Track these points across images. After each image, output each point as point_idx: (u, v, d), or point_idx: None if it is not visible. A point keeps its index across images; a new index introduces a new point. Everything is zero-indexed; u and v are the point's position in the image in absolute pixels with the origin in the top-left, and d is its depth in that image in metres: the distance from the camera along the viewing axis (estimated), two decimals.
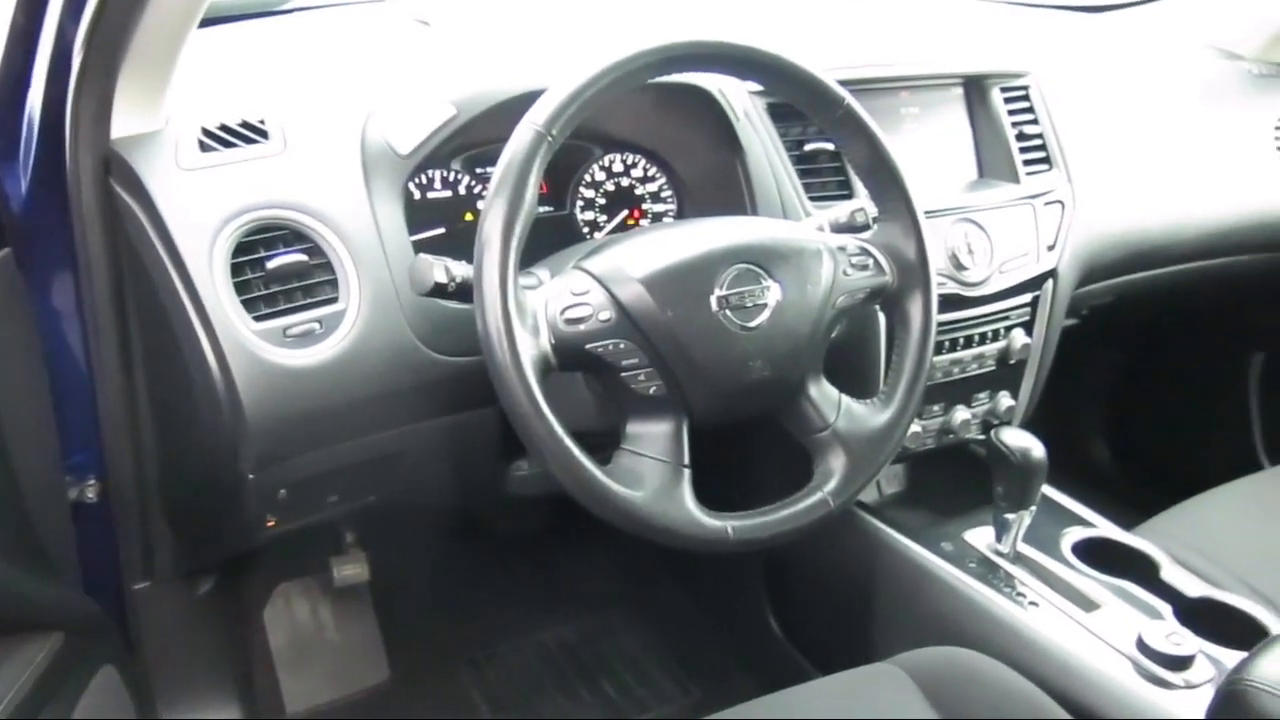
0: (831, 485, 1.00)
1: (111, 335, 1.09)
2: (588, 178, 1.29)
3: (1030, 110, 1.44)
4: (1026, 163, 1.41)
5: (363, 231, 1.02)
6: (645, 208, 1.32)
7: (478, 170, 1.21)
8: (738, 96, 1.23)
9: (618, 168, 1.30)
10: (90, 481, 1.19)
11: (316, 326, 0.98)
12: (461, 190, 1.21)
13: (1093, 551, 1.25)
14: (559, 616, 1.75)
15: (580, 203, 1.29)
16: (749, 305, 0.96)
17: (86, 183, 1.01)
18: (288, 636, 1.55)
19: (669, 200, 1.32)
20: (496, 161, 0.90)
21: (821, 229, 1.12)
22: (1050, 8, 1.87)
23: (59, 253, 1.07)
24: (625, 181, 1.30)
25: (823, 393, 1.02)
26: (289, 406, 0.97)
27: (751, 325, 0.96)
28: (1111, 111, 1.56)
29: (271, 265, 0.98)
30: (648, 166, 1.31)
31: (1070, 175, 1.43)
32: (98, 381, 1.13)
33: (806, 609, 1.51)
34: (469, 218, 1.21)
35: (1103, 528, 1.30)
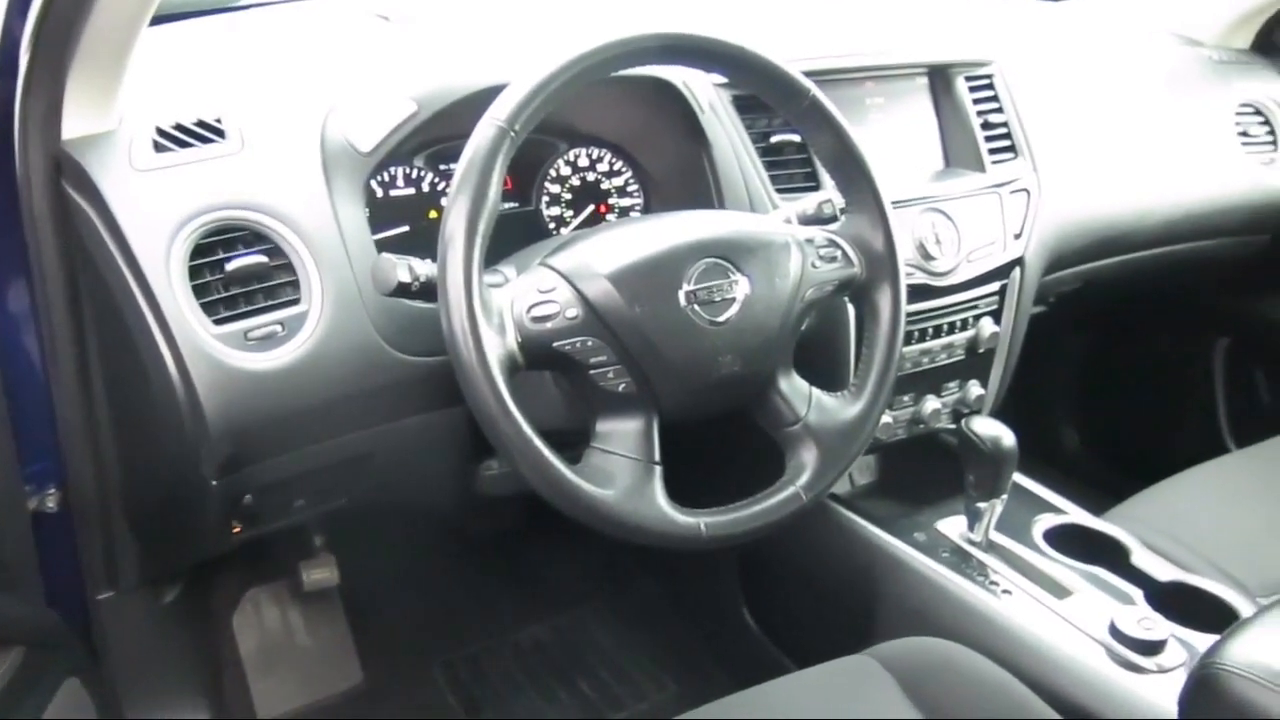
0: (804, 479, 0.99)
1: (67, 341, 1.07)
2: (553, 173, 1.27)
3: (995, 99, 1.44)
4: (992, 151, 1.41)
5: (324, 231, 1.01)
6: (612, 202, 1.30)
7: (441, 167, 1.20)
8: (702, 89, 1.22)
9: (583, 162, 1.29)
10: (50, 490, 1.17)
11: (278, 329, 0.96)
12: (425, 187, 1.19)
13: (1064, 538, 1.25)
14: (533, 615, 1.74)
15: (546, 198, 1.28)
16: (717, 300, 0.95)
17: (37, 185, 0.99)
18: (257, 642, 1.52)
19: (635, 194, 1.31)
20: (460, 158, 0.89)
21: (789, 221, 1.11)
22: None
23: (11, 257, 1.05)
24: (591, 176, 1.29)
25: (793, 386, 1.02)
26: (252, 411, 0.95)
27: (720, 320, 0.95)
28: (1075, 99, 1.57)
29: (231, 267, 0.96)
30: (613, 161, 1.30)
31: (1035, 163, 1.44)
32: (54, 388, 1.10)
33: (781, 602, 1.51)
34: (433, 215, 1.19)
35: (1074, 514, 1.31)
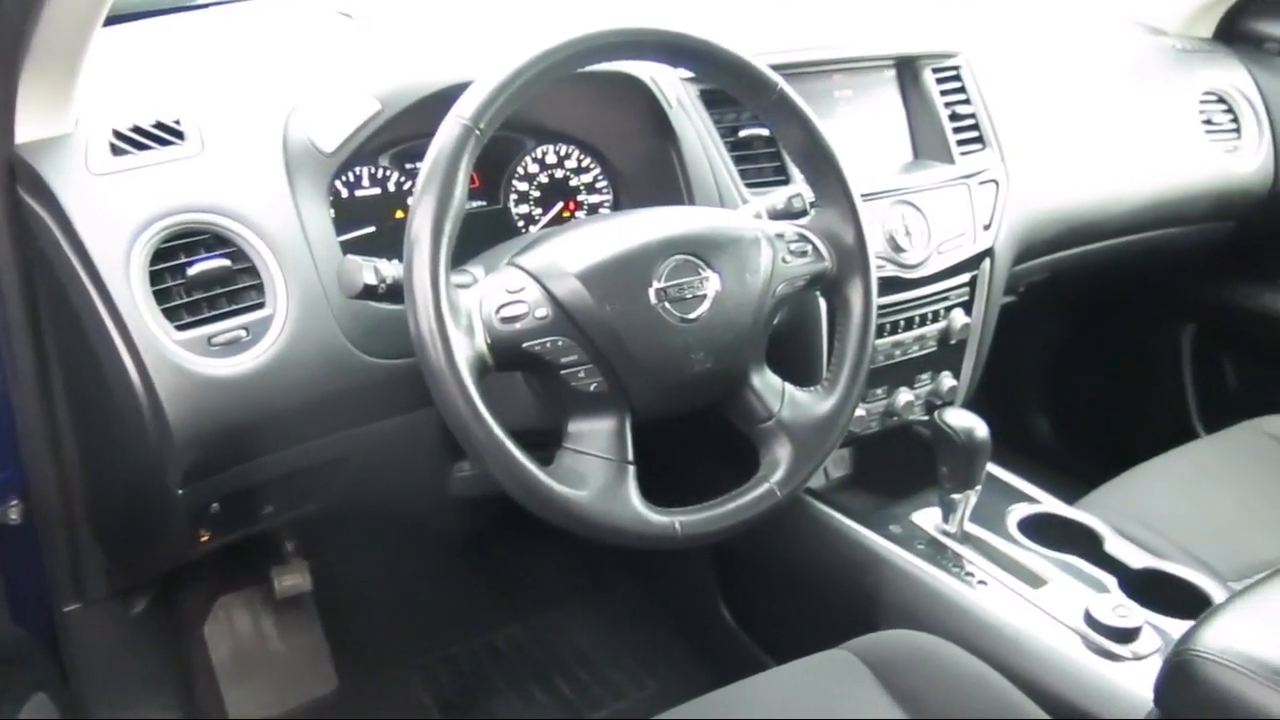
0: (778, 475, 0.99)
1: (27, 349, 1.05)
2: (520, 170, 1.26)
3: (962, 90, 1.44)
4: (960, 143, 1.41)
5: (288, 233, 0.99)
6: (580, 199, 1.29)
7: (407, 166, 1.18)
8: (670, 84, 1.21)
9: (551, 159, 1.28)
10: (12, 502, 1.15)
11: (243, 333, 0.95)
12: (390, 187, 1.18)
13: (1038, 527, 1.26)
14: (510, 616, 1.73)
15: (514, 196, 1.26)
16: (688, 297, 0.94)
17: None
18: (230, 651, 1.50)
19: (604, 191, 1.30)
20: (425, 157, 0.87)
21: (759, 216, 1.10)
22: None
23: None
24: (559, 173, 1.28)
25: (766, 382, 1.01)
26: (217, 418, 0.94)
27: (691, 317, 0.94)
28: (1041, 90, 1.58)
29: (193, 271, 0.94)
30: (581, 157, 1.29)
31: (1003, 154, 1.44)
32: (15, 398, 1.08)
33: (758, 598, 1.50)
34: (399, 215, 1.18)
35: (1047, 503, 1.32)
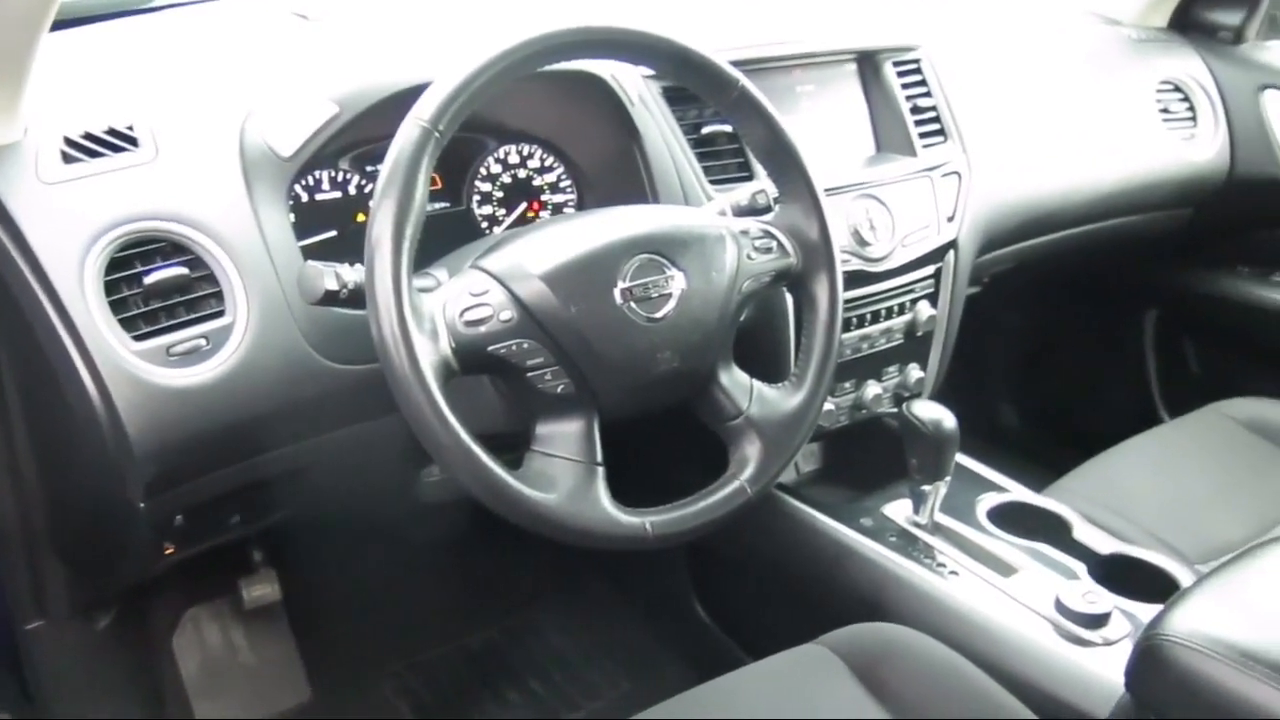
0: (748, 473, 0.98)
1: None
2: (483, 171, 1.25)
3: (923, 83, 1.45)
4: (922, 135, 1.42)
5: (247, 240, 0.97)
6: (544, 199, 1.29)
7: (368, 169, 1.17)
8: (631, 82, 1.21)
9: (513, 159, 1.27)
10: None
11: (203, 342, 0.93)
12: (351, 190, 1.16)
13: (1007, 516, 1.27)
14: (483, 619, 1.72)
15: (477, 197, 1.25)
16: (654, 296, 0.94)
17: None
18: (200, 664, 1.48)
19: (568, 190, 1.29)
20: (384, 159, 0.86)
21: (723, 213, 1.10)
22: None
23: None
24: (522, 173, 1.27)
25: (734, 380, 1.01)
26: (178, 429, 0.92)
27: (658, 316, 0.94)
28: (1000, 81, 1.59)
29: (149, 280, 0.92)
30: (544, 156, 1.28)
31: (965, 146, 1.45)
32: None
33: (732, 594, 1.50)
34: (361, 218, 1.16)
35: (1016, 492, 1.33)
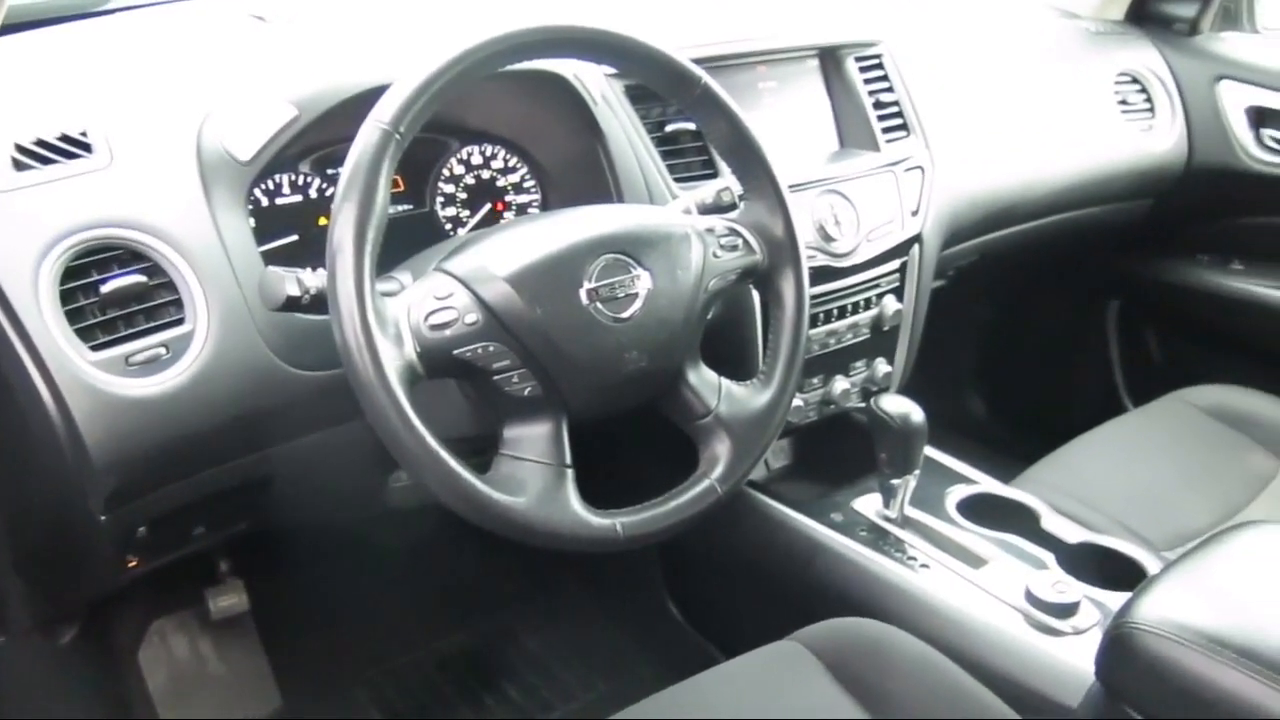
0: (718, 471, 0.98)
1: None
2: (446, 172, 1.24)
3: (885, 78, 1.45)
4: (885, 130, 1.42)
5: (206, 246, 0.96)
6: (509, 199, 1.28)
7: (329, 172, 1.15)
8: (594, 80, 1.20)
9: (476, 160, 1.26)
10: None
11: (163, 351, 0.92)
12: (312, 194, 1.15)
13: (976, 507, 1.28)
14: (455, 623, 1.71)
15: (440, 199, 1.24)
16: (620, 296, 0.93)
17: None
18: (167, 677, 1.46)
19: (532, 190, 1.29)
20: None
21: (688, 211, 1.10)
22: None
23: None
24: (485, 174, 1.26)
25: (702, 378, 1.01)
26: (139, 440, 0.90)
27: (624, 316, 0.93)
28: (961, 76, 1.59)
29: (106, 289, 0.91)
30: (508, 157, 1.27)
31: (928, 140, 1.45)
32: None
33: (705, 592, 1.50)
34: (323, 222, 1.15)
35: (984, 483, 1.33)
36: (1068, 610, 1.07)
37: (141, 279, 0.92)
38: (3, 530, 1.10)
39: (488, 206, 1.26)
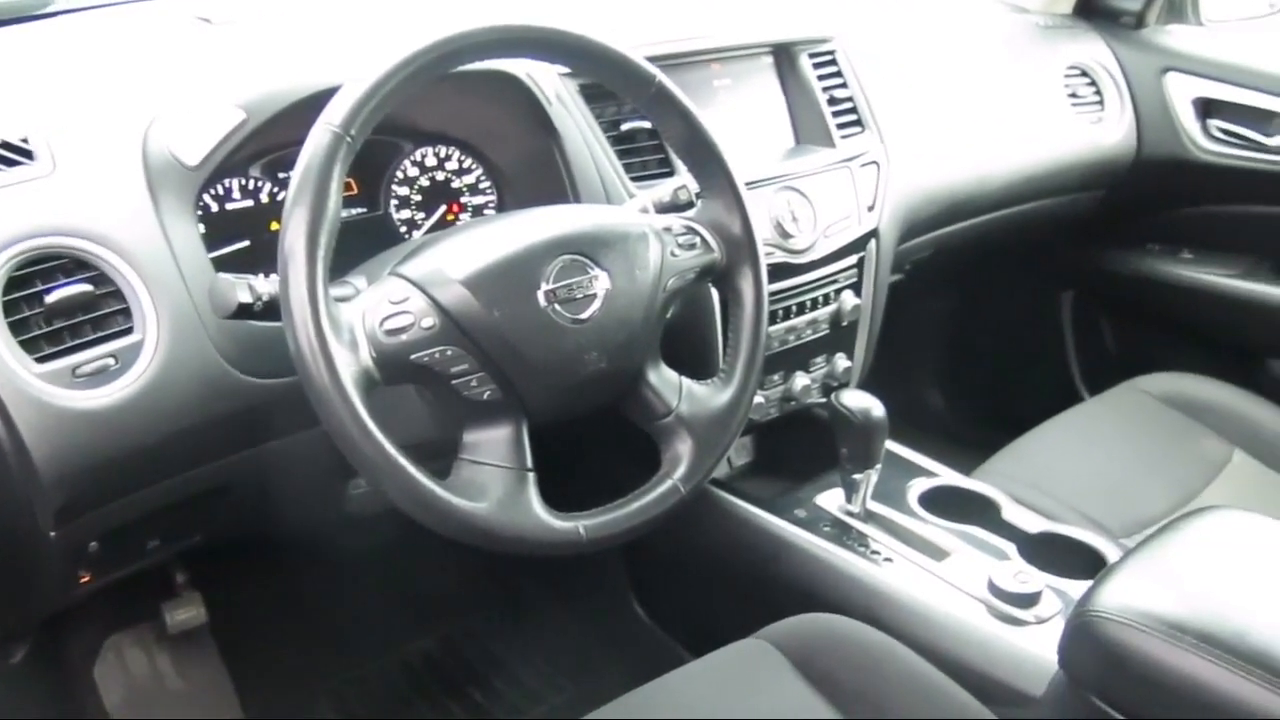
0: (680, 471, 0.98)
1: None
2: (400, 174, 1.23)
3: (839, 74, 1.45)
4: (840, 126, 1.42)
5: (154, 253, 0.94)
6: (464, 201, 1.27)
7: (280, 175, 1.13)
8: (548, 80, 1.19)
9: (431, 161, 1.24)
10: None
11: (111, 362, 0.90)
12: (263, 198, 1.13)
13: (938, 500, 1.28)
14: (419, 629, 1.69)
15: (394, 201, 1.23)
16: (578, 297, 0.93)
17: None
18: (124, 694, 1.43)
19: (488, 191, 1.27)
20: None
21: (645, 210, 1.09)
22: None
23: None
24: (440, 175, 1.25)
25: (662, 378, 1.01)
26: (88, 453, 0.88)
27: (583, 317, 0.93)
28: (914, 71, 1.60)
29: (51, 299, 0.88)
30: (462, 158, 1.26)
31: (882, 136, 1.46)
32: None
33: (670, 592, 1.50)
34: (274, 227, 1.13)
35: (945, 476, 1.34)
36: (1030, 600, 1.08)
37: (87, 288, 0.90)
38: None
39: (443, 208, 1.25)
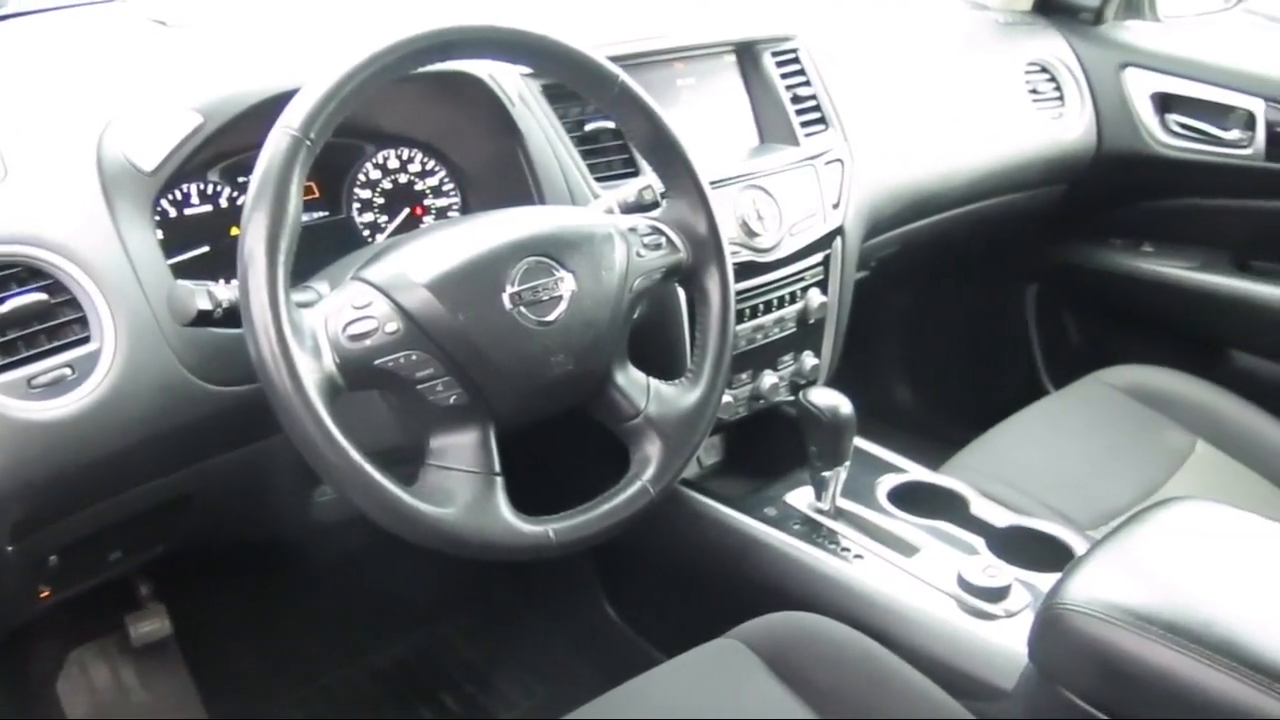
0: (650, 472, 0.98)
1: None
2: (362, 177, 1.21)
3: (802, 73, 1.46)
4: (804, 124, 1.42)
5: (110, 261, 0.92)
6: (428, 203, 1.25)
7: (240, 180, 1.12)
8: (510, 81, 1.18)
9: (393, 164, 1.23)
10: None
11: (68, 372, 0.88)
12: (223, 203, 1.11)
13: (907, 496, 1.29)
14: (388, 636, 1.67)
15: (357, 204, 1.21)
16: (544, 299, 0.92)
17: None
18: (88, 708, 1.40)
19: (451, 193, 1.26)
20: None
21: (610, 211, 1.09)
22: None
23: None
24: (403, 178, 1.24)
25: (630, 379, 1.00)
26: (45, 465, 0.86)
27: (549, 319, 0.92)
28: (877, 69, 1.61)
29: (4, 309, 0.86)
30: (425, 160, 1.25)
31: (846, 134, 1.46)
32: None
33: (642, 593, 1.50)
34: (234, 233, 1.11)
35: (914, 471, 1.35)
36: (999, 594, 1.09)
37: (42, 297, 0.88)
38: None
39: (406, 211, 1.24)
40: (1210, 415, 1.49)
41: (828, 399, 1.19)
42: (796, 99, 1.43)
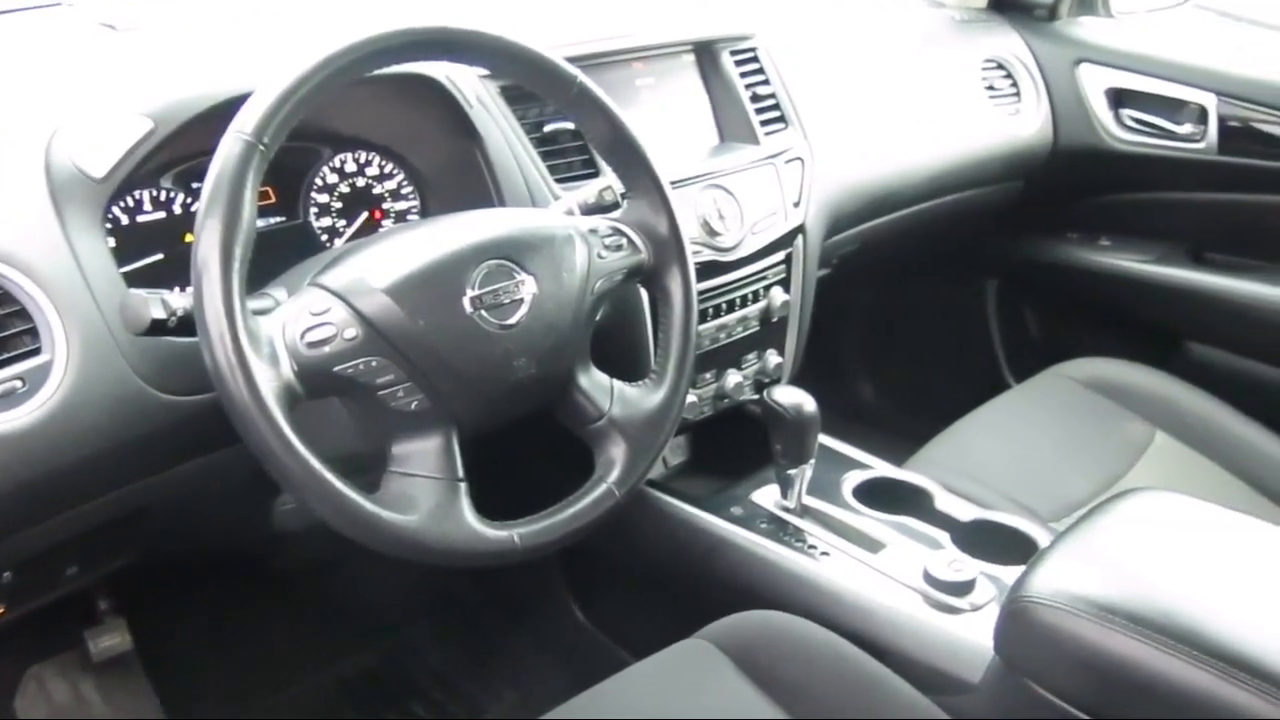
0: (614, 475, 0.97)
1: None
2: (319, 181, 1.20)
3: (761, 71, 1.46)
4: (764, 123, 1.42)
5: (60, 270, 0.90)
6: (386, 207, 1.24)
7: (193, 185, 1.10)
8: (468, 82, 1.17)
9: (350, 167, 1.22)
10: None
11: (18, 384, 0.86)
12: (176, 210, 1.09)
13: (872, 492, 1.29)
14: (356, 644, 1.66)
15: (314, 209, 1.20)
16: (505, 302, 0.91)
17: None
18: None
19: (410, 197, 1.25)
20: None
21: (571, 212, 1.08)
22: None
23: None
24: (361, 181, 1.22)
25: (593, 381, 1.00)
26: None
27: (510, 323, 0.91)
28: (836, 67, 1.61)
29: None
30: (383, 163, 1.23)
31: (805, 132, 1.47)
32: None
33: (610, 595, 1.49)
34: (189, 239, 1.08)
35: (879, 467, 1.35)
36: (965, 588, 1.10)
37: None
38: None
39: (364, 215, 1.23)
40: (1168, 406, 1.51)
41: (792, 397, 1.19)
42: (756, 98, 1.43)
